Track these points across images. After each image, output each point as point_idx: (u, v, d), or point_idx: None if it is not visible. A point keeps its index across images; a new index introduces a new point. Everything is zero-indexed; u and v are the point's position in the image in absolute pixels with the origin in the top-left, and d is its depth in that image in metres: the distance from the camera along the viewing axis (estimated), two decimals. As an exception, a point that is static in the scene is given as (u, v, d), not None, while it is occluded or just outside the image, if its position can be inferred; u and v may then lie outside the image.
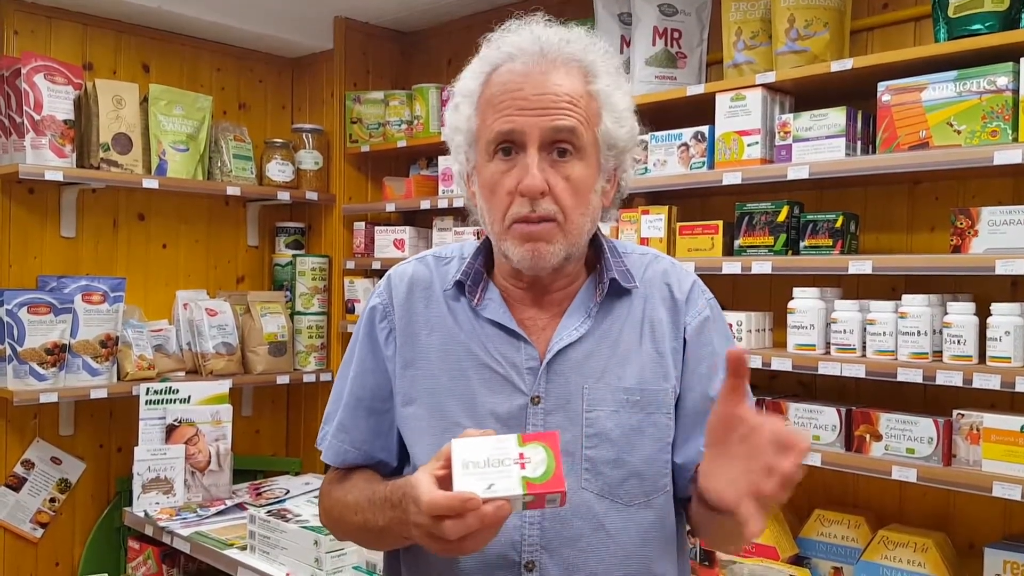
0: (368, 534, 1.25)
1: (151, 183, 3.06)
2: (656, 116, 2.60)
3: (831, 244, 2.17)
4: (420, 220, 3.46)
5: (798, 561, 2.28)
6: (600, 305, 1.26)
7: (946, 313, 1.99)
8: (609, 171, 1.26)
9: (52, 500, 3.08)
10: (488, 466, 1.01)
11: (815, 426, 2.17)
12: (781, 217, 2.25)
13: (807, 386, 2.47)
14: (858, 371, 2.05)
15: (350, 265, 3.49)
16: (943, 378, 1.92)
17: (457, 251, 1.34)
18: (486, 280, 1.29)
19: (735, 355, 1.02)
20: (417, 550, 1.26)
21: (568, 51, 1.20)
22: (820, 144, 2.16)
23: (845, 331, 2.13)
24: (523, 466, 1.01)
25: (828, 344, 2.18)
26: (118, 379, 3.03)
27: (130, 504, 3.00)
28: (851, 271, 2.06)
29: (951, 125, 1.96)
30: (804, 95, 2.33)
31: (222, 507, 2.97)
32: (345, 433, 1.32)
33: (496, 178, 1.19)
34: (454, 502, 0.99)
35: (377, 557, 2.39)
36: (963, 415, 1.96)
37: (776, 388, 2.51)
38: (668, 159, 2.46)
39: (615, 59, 1.26)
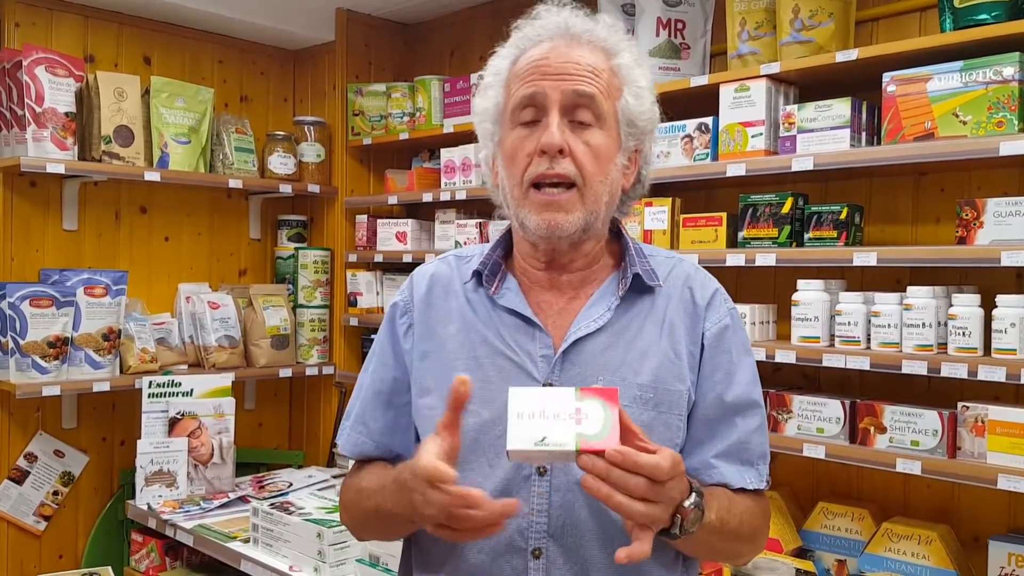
0: (380, 519, 1.25)
1: (153, 176, 3.06)
2: (659, 107, 2.60)
3: (836, 236, 2.16)
4: (422, 213, 3.45)
5: (802, 554, 2.28)
6: (622, 300, 1.26)
7: (951, 305, 1.98)
8: (629, 150, 1.27)
9: (55, 493, 3.09)
10: (543, 418, 0.99)
11: (819, 419, 2.16)
12: (785, 209, 2.24)
13: (811, 378, 2.46)
14: (862, 363, 2.04)
15: (352, 258, 3.48)
16: (948, 370, 1.91)
17: (478, 250, 1.36)
18: (504, 271, 1.31)
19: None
20: (427, 542, 1.27)
21: (593, 33, 1.25)
22: (825, 135, 2.15)
23: (849, 323, 2.12)
24: (579, 421, 0.99)
25: (832, 336, 2.17)
26: (120, 372, 3.03)
27: (133, 497, 3.00)
28: (856, 263, 2.05)
29: (957, 116, 1.94)
30: (809, 86, 2.32)
31: (225, 500, 2.97)
32: (363, 425, 1.33)
33: (517, 144, 1.23)
34: (438, 473, 1.01)
35: (380, 550, 2.38)
36: (968, 407, 1.95)
37: (780, 381, 2.50)
38: (672, 150, 2.45)
39: (637, 45, 1.32)
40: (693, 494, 1.09)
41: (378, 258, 3.35)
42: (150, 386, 3.00)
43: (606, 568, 1.19)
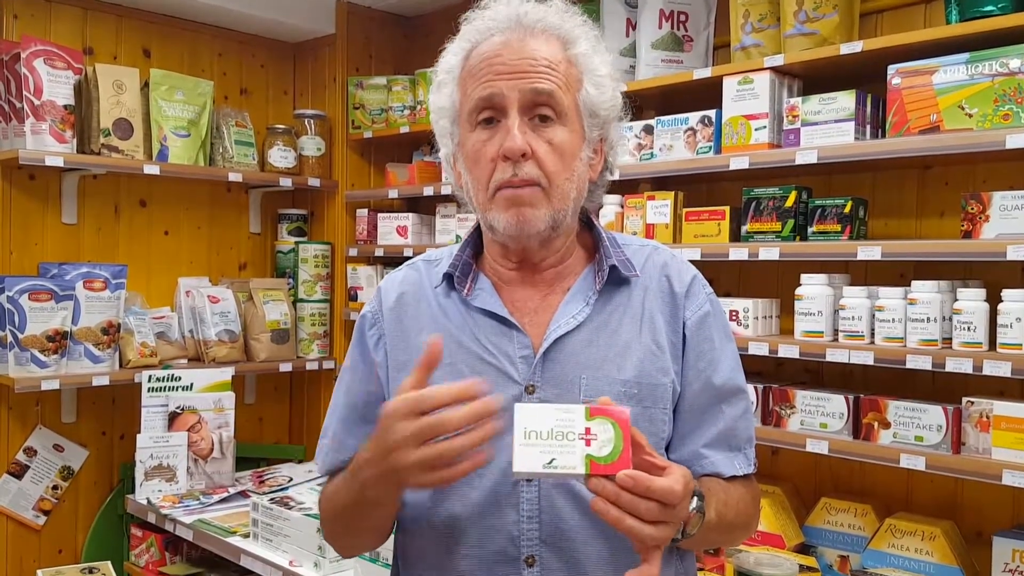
0: (344, 518, 1.24)
1: (152, 169, 3.04)
2: (662, 100, 2.59)
3: (839, 230, 2.15)
4: (423, 206, 3.44)
5: (804, 549, 2.27)
6: (599, 293, 1.24)
7: (956, 299, 1.97)
8: (594, 141, 1.24)
9: (55, 487, 3.08)
10: (552, 438, 0.96)
11: (822, 414, 2.15)
12: (789, 202, 2.22)
13: (814, 373, 2.45)
14: (866, 358, 2.03)
15: (353, 252, 3.47)
16: (952, 365, 1.90)
17: (447, 252, 1.33)
18: (475, 271, 1.27)
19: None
20: (415, 552, 1.24)
21: (546, 22, 1.21)
22: (829, 128, 2.13)
23: (853, 318, 2.10)
24: (588, 443, 0.96)
25: (836, 331, 2.16)
26: (120, 366, 3.02)
27: (133, 491, 2.99)
28: (860, 257, 2.04)
29: (962, 108, 1.93)
30: (813, 78, 2.30)
31: (225, 495, 2.96)
32: (339, 441, 1.30)
33: (478, 147, 1.19)
34: (409, 397, 1.01)
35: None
36: (973, 402, 1.94)
37: (783, 375, 2.49)
38: (674, 144, 2.43)
39: (593, 29, 1.26)
40: (695, 498, 1.07)
41: (379, 252, 3.34)
42: (150, 380, 2.99)
43: (602, 569, 1.17)
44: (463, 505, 1.18)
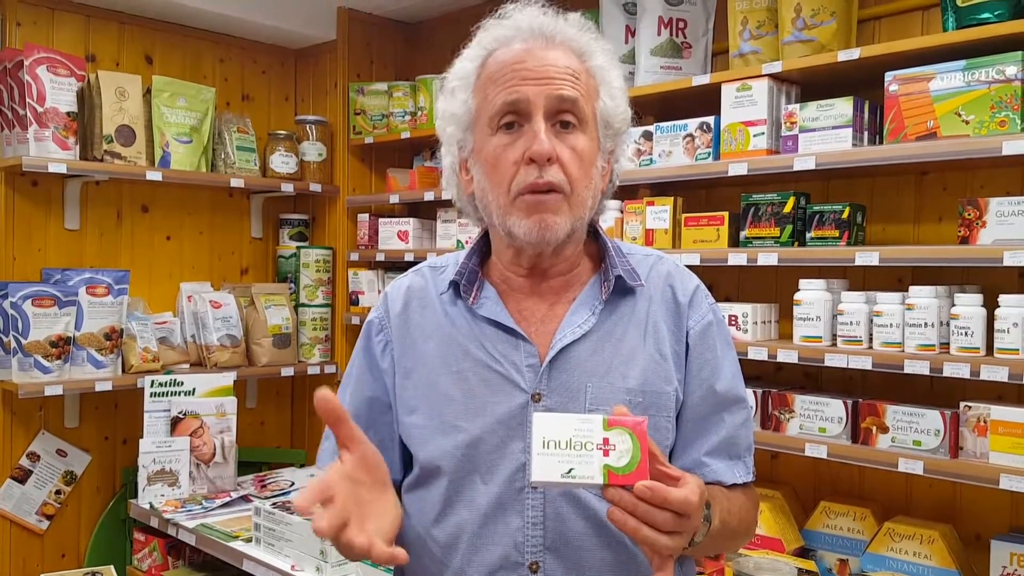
0: None
1: (155, 175, 3.06)
2: (661, 107, 2.60)
3: (837, 235, 2.16)
4: (424, 211, 3.45)
5: (804, 553, 2.28)
6: (605, 303, 1.25)
7: (953, 305, 1.98)
8: (607, 152, 1.26)
9: (58, 492, 3.09)
10: (570, 448, 0.97)
11: (821, 418, 2.16)
12: (787, 208, 2.24)
13: (813, 378, 2.46)
14: (864, 363, 2.04)
15: (354, 257, 3.49)
16: (950, 370, 1.91)
17: (452, 259, 1.34)
18: (481, 279, 1.28)
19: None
20: (418, 559, 1.25)
21: (564, 34, 1.22)
22: (827, 134, 2.14)
23: (851, 323, 2.11)
24: (606, 453, 0.97)
25: (834, 336, 2.17)
26: (123, 371, 3.03)
27: (135, 496, 3.01)
28: (858, 262, 2.05)
29: (959, 115, 1.94)
30: (811, 85, 2.31)
31: (227, 499, 2.97)
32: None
33: (499, 151, 1.19)
34: (299, 506, 0.98)
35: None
36: (970, 407, 1.95)
37: (782, 380, 2.50)
38: (673, 150, 2.45)
39: (607, 43, 1.28)
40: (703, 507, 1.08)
41: (380, 257, 3.35)
42: (152, 385, 3.00)
43: (605, 575, 1.19)
44: (469, 512, 1.20)
